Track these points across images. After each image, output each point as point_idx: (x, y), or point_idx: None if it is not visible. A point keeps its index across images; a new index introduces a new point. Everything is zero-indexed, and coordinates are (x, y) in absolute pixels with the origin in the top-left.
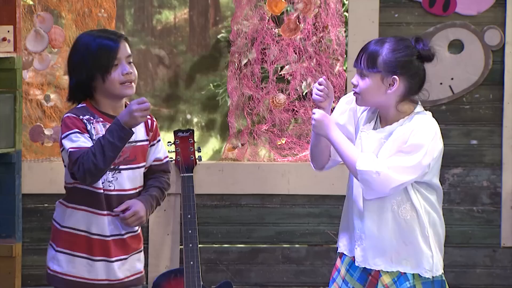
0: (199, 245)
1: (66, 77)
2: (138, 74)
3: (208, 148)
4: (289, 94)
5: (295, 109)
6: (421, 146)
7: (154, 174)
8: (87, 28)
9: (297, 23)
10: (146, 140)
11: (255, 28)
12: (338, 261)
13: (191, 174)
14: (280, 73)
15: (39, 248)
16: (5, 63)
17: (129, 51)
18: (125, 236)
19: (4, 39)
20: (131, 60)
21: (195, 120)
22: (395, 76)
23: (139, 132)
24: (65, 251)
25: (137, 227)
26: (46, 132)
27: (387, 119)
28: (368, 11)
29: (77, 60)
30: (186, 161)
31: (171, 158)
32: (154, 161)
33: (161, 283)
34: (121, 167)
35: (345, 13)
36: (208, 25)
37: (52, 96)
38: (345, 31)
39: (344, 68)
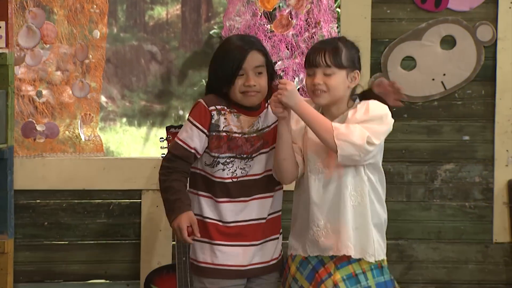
0: None
1: (59, 73)
2: (130, 70)
3: None
4: None
5: None
6: (384, 114)
7: None
8: (79, 24)
9: (289, 19)
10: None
11: (248, 24)
12: (289, 259)
13: None
14: None
15: (31, 244)
16: None
17: (258, 62)
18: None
19: None
20: (260, 71)
21: (187, 116)
22: (357, 71)
23: (268, 118)
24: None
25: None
26: (38, 128)
27: (333, 114)
28: (360, 7)
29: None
30: None
31: (163, 154)
32: None
33: (153, 278)
34: (254, 155)
35: (338, 9)
36: (200, 21)
37: (44, 92)
38: (337, 27)
39: None
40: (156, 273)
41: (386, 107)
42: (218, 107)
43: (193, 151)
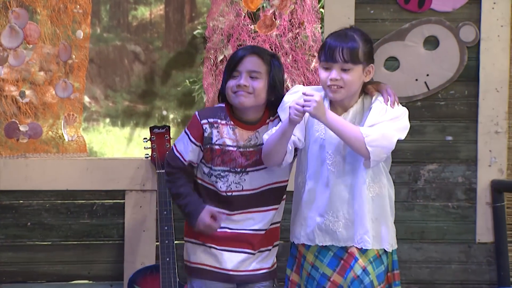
0: (175, 242)
1: (42, 73)
2: (113, 70)
3: None
4: None
5: None
6: (402, 112)
7: None
8: (62, 24)
9: (273, 19)
10: None
11: (231, 24)
12: (302, 249)
13: None
14: None
15: (14, 245)
16: None
17: (254, 67)
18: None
19: None
20: (256, 76)
21: (171, 116)
22: (372, 65)
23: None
24: None
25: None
26: (21, 128)
27: (344, 106)
28: (344, 8)
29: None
30: (162, 157)
31: (147, 154)
32: None
33: (137, 279)
34: (248, 169)
35: (321, 10)
36: (184, 21)
37: (27, 92)
38: (321, 28)
39: None
40: (140, 274)
41: (402, 107)
42: (211, 120)
43: (187, 163)
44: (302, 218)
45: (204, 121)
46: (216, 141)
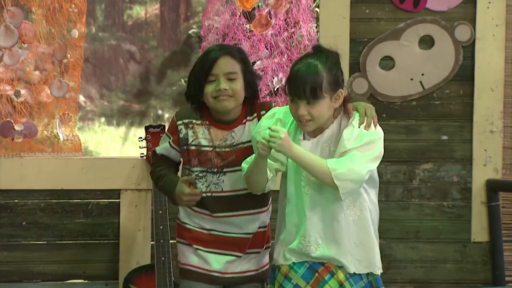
0: (170, 241)
1: (37, 73)
2: (108, 69)
3: None
4: (260, 90)
5: None
6: (377, 137)
7: None
8: (58, 23)
9: (269, 18)
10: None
11: (226, 23)
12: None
13: None
14: None
15: (9, 244)
16: None
17: (230, 68)
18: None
19: None
20: (233, 77)
21: (166, 115)
22: (341, 90)
23: (245, 135)
24: None
25: None
26: (16, 127)
27: (320, 128)
28: (339, 7)
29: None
30: None
31: (142, 153)
32: None
33: (132, 279)
34: (225, 169)
35: (316, 9)
36: (179, 20)
37: (22, 91)
38: (316, 27)
39: None
40: (135, 273)
41: (378, 130)
42: (186, 121)
43: (160, 155)
44: (280, 240)
45: (180, 122)
46: (192, 141)
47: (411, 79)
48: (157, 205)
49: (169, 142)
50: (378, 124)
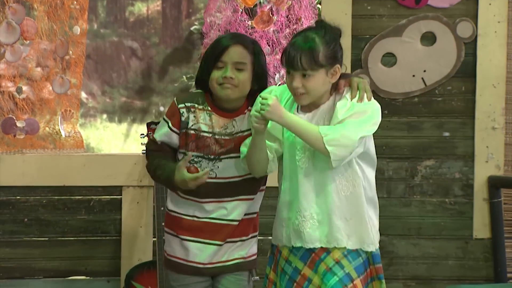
0: None
1: (39, 69)
2: (110, 66)
3: None
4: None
5: None
6: (370, 107)
7: None
8: (59, 19)
9: (270, 15)
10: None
11: (228, 20)
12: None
13: None
14: None
15: (11, 241)
16: None
17: (239, 57)
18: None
19: None
20: (242, 68)
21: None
22: (338, 65)
23: (245, 124)
24: None
25: None
26: (18, 124)
27: (315, 104)
28: (341, 4)
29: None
30: None
31: (144, 150)
32: None
33: (134, 275)
34: (222, 157)
35: (318, 6)
36: (181, 17)
37: (24, 88)
38: None
39: None
40: (137, 270)
41: (371, 101)
42: (188, 104)
43: (159, 143)
44: (279, 219)
45: (181, 105)
46: (192, 125)
47: (413, 76)
48: (159, 202)
49: (168, 126)
50: (372, 98)
